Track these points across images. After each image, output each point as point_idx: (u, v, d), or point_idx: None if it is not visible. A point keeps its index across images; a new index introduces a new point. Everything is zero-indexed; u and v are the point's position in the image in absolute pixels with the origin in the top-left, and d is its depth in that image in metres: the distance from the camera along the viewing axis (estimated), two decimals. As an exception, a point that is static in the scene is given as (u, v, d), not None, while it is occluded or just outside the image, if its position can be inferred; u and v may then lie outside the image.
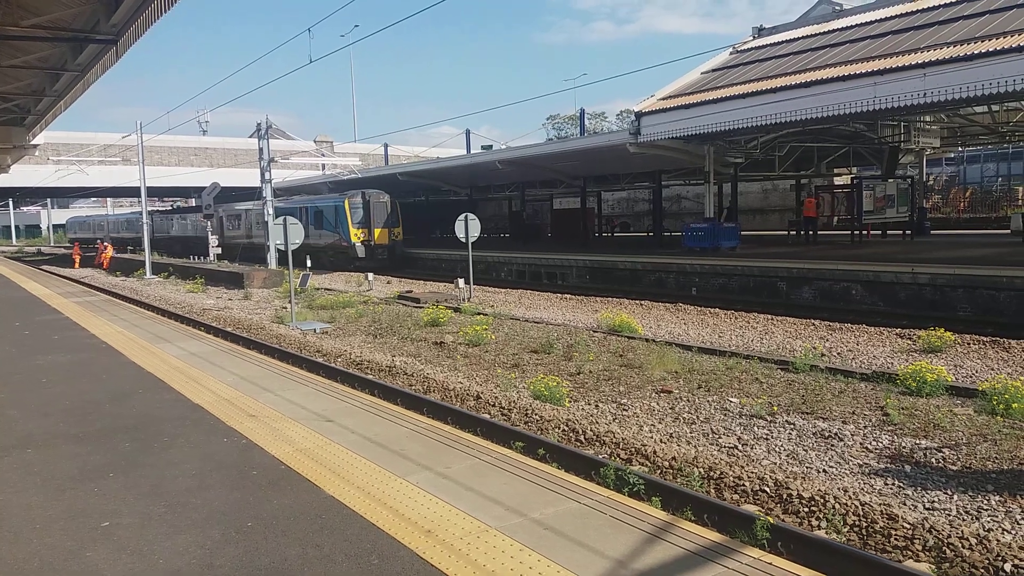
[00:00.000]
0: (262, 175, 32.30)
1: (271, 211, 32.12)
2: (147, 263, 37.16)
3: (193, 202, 62.46)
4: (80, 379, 9.68)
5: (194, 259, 41.83)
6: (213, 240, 38.01)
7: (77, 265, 48.47)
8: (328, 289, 27.14)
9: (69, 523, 5.02)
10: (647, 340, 14.62)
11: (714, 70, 27.29)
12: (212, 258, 37.52)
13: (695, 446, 8.47)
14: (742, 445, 8.43)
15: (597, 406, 10.25)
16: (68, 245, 72.91)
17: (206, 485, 5.65)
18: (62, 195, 79.07)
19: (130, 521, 5.02)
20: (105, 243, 49.77)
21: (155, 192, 55.39)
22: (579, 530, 4.64)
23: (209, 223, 39.76)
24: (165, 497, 5.43)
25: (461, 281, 22.23)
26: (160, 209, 71.25)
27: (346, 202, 35.93)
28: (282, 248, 19.04)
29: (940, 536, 5.95)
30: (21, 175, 48.62)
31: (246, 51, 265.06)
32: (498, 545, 4.45)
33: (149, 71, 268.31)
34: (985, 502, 6.61)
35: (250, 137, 50.35)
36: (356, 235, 35.42)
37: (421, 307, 20.62)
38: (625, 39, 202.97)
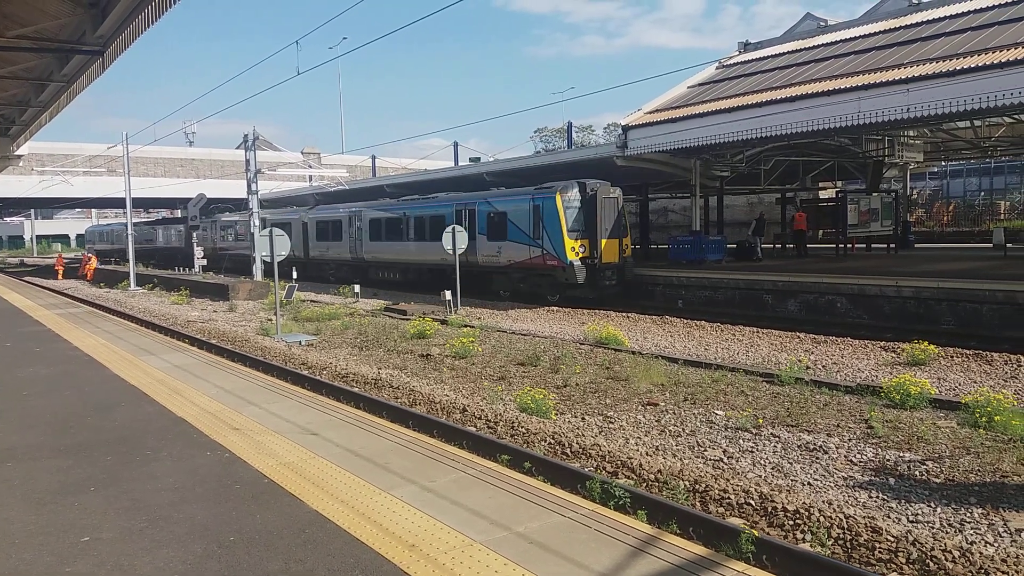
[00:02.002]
0: (249, 186, 32.19)
1: (256, 222, 31.96)
2: (131, 274, 36.89)
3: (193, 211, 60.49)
4: (62, 392, 9.59)
5: (178, 270, 41.59)
6: (199, 251, 37.81)
7: (61, 276, 48.07)
8: (314, 301, 27.04)
9: (49, 538, 4.96)
10: (633, 353, 14.64)
11: (700, 84, 27.50)
12: (197, 269, 37.33)
13: (681, 459, 8.47)
14: (727, 458, 8.44)
15: (583, 419, 10.24)
16: (51, 257, 68.75)
17: (188, 499, 5.60)
18: (46, 206, 78.39)
19: (111, 536, 4.97)
20: (89, 255, 49.40)
21: (141, 203, 55.13)
22: (564, 544, 4.63)
23: (195, 234, 39.56)
24: (147, 511, 5.38)
25: (448, 293, 22.19)
26: (168, 218, 65.79)
27: (557, 198, 23.36)
28: (268, 260, 18.96)
29: (924, 549, 5.97)
30: (4, 186, 48.27)
31: (233, 63, 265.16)
32: (483, 560, 4.43)
33: (136, 82, 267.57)
34: (968, 515, 6.65)
35: (237, 148, 50.19)
36: (572, 249, 23.19)
37: (408, 319, 20.57)
38: (614, 53, 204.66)
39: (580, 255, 23.25)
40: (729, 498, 7.25)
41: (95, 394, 9.38)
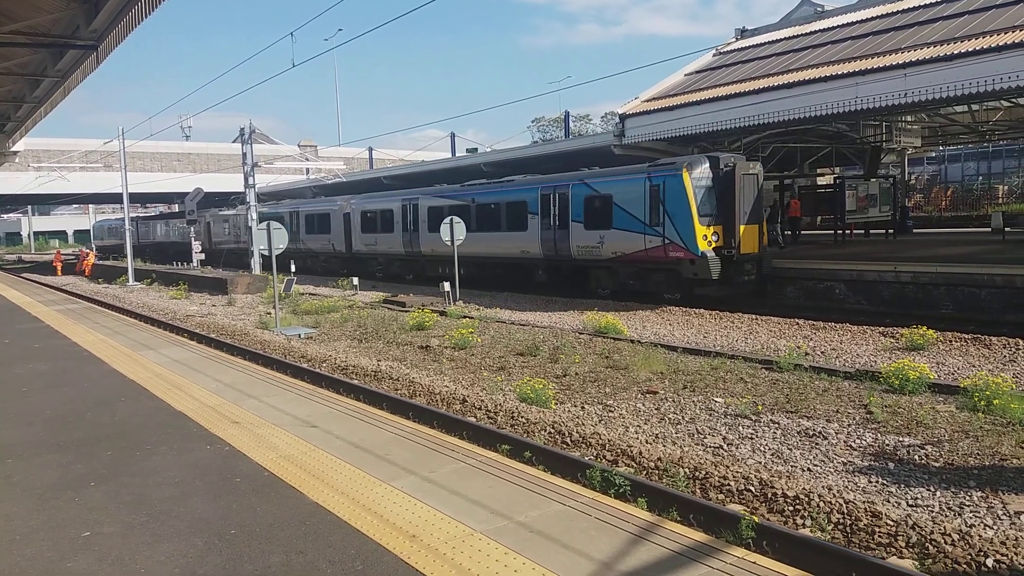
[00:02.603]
0: (246, 180, 32.12)
1: (255, 216, 31.91)
2: (130, 269, 36.88)
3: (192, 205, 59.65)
4: (61, 388, 9.59)
5: (176, 265, 41.55)
6: (196, 246, 37.77)
7: (59, 273, 48.05)
8: (313, 294, 27.03)
9: (50, 533, 4.96)
10: (632, 341, 14.65)
11: (697, 72, 27.41)
12: (196, 264, 37.29)
13: (680, 446, 8.49)
14: (727, 445, 8.46)
15: (583, 408, 10.25)
16: (50, 253, 67.98)
17: (189, 493, 5.61)
18: (43, 202, 78.23)
19: (112, 531, 4.98)
20: (87, 251, 49.35)
21: (138, 198, 55.14)
22: (565, 532, 4.64)
23: (192, 228, 39.50)
24: (147, 506, 5.38)
25: (446, 284, 22.19)
26: (174, 212, 63.16)
27: (684, 175, 19.30)
28: (266, 253, 18.93)
29: (923, 532, 5.99)
30: (1, 182, 48.17)
31: (229, 56, 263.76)
32: (483, 549, 4.44)
33: (131, 77, 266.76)
34: (967, 498, 6.66)
35: (233, 142, 50.24)
36: (704, 237, 19.28)
37: (407, 311, 20.57)
38: (611, 41, 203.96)
39: (713, 244, 19.34)
40: (729, 485, 7.27)
41: (94, 390, 9.38)
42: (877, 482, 7.16)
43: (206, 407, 8.21)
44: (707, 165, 19.72)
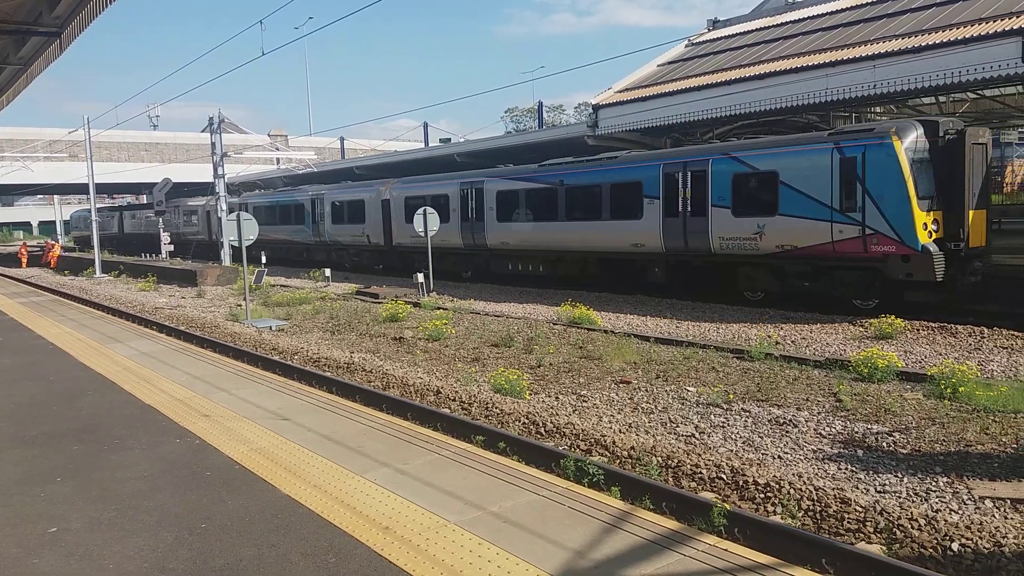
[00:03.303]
0: (215, 170, 31.73)
1: (224, 206, 31.52)
2: (96, 261, 36.28)
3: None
4: (26, 381, 9.41)
5: (145, 256, 40.99)
6: (165, 237, 37.27)
7: (24, 264, 47.15)
8: (284, 286, 26.80)
9: (15, 529, 4.87)
10: (606, 332, 14.70)
11: (670, 62, 27.48)
12: (164, 255, 36.80)
13: (653, 435, 8.54)
14: (699, 433, 8.53)
15: (557, 398, 10.28)
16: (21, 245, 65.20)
17: (158, 487, 5.53)
18: (6, 192, 76.54)
19: (79, 526, 4.90)
20: (51, 242, 48.48)
21: (105, 188, 54.04)
22: (539, 522, 4.64)
23: (161, 219, 38.95)
24: (115, 500, 5.30)
25: (420, 276, 22.08)
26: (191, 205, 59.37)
27: (895, 143, 15.09)
28: (235, 244, 18.70)
29: (891, 518, 6.08)
30: (-38, 172, 47.05)
31: (197, 44, 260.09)
32: (457, 540, 4.43)
33: (97, 66, 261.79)
34: (933, 484, 6.78)
35: (202, 131, 49.39)
36: (925, 226, 15.07)
37: (380, 303, 20.46)
38: (585, 31, 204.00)
39: (933, 236, 15.09)
40: (701, 473, 7.33)
41: (61, 383, 9.22)
42: (846, 469, 7.26)
43: (176, 400, 8.11)
44: (920, 132, 15.44)
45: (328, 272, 28.03)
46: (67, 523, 4.95)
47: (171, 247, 37.43)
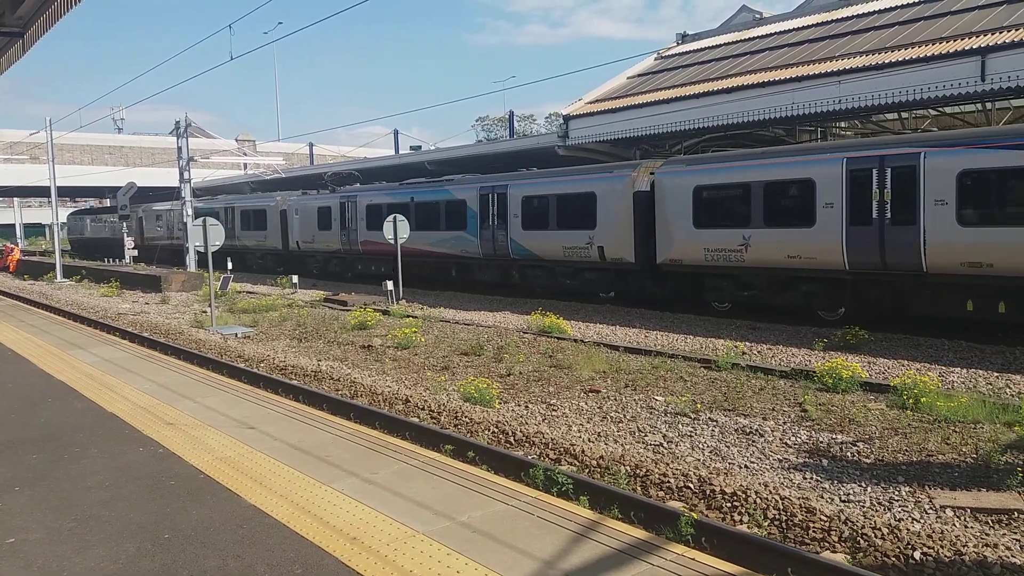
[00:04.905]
0: (181, 175, 31.29)
1: (190, 212, 31.09)
2: (58, 265, 35.56)
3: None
4: (-17, 388, 9.18)
5: (108, 261, 40.26)
6: (129, 242, 36.66)
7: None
8: (250, 292, 26.48)
9: (-31, 541, 4.74)
10: (576, 341, 14.74)
11: (640, 75, 27.75)
12: (128, 260, 36.19)
13: (622, 444, 8.57)
14: (667, 443, 8.58)
15: (527, 407, 10.27)
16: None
17: (120, 497, 5.42)
18: (-36, 195, 74.78)
19: (38, 537, 4.78)
20: (11, 245, 47.43)
21: (67, 192, 53.14)
22: (507, 532, 4.63)
23: (125, 224, 38.29)
24: (76, 510, 5.19)
25: (389, 283, 21.95)
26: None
27: None
28: (201, 250, 18.45)
29: (855, 527, 6.17)
30: (-82, 174, 45.88)
31: (165, 47, 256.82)
32: (425, 550, 4.40)
33: (62, 68, 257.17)
34: (896, 493, 6.89)
35: (168, 135, 48.67)
36: None
37: (348, 310, 20.30)
38: (558, 42, 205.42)
39: None
40: (669, 482, 7.37)
41: (19, 390, 9.01)
42: (811, 478, 7.34)
43: (139, 408, 7.96)
44: None
45: (295, 279, 27.78)
46: (26, 533, 4.83)
47: (135, 252, 36.81)
